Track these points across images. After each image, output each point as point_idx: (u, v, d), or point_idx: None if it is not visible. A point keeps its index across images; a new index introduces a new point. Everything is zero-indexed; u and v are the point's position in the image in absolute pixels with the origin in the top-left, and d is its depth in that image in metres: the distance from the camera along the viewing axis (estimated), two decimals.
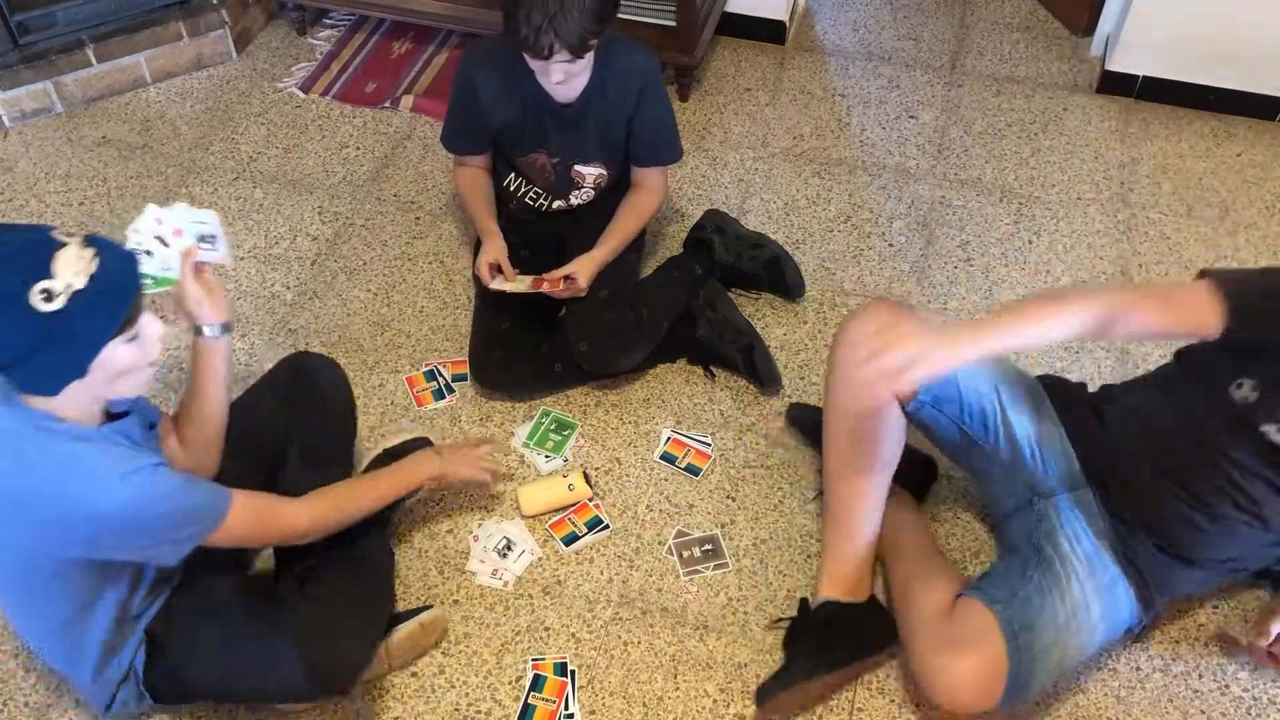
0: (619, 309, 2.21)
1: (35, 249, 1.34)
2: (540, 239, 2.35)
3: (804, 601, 1.90)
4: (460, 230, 2.64)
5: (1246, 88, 2.88)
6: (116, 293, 1.39)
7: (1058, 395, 1.85)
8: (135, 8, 2.97)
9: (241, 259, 2.58)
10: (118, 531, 1.44)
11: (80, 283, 1.34)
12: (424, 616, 1.87)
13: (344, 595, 1.72)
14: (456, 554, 2.04)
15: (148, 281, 1.65)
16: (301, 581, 1.73)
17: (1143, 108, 2.98)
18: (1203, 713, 1.83)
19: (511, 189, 2.33)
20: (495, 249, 2.22)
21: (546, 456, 2.18)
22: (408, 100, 2.99)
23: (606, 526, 2.08)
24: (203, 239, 1.71)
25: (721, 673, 1.88)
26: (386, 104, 3.00)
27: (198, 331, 1.70)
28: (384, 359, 2.37)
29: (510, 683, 1.87)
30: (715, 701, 1.84)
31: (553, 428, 2.23)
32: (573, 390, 2.30)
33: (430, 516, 2.09)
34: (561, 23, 1.86)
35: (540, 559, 2.03)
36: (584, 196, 2.32)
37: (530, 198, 2.33)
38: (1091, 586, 1.69)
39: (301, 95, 3.03)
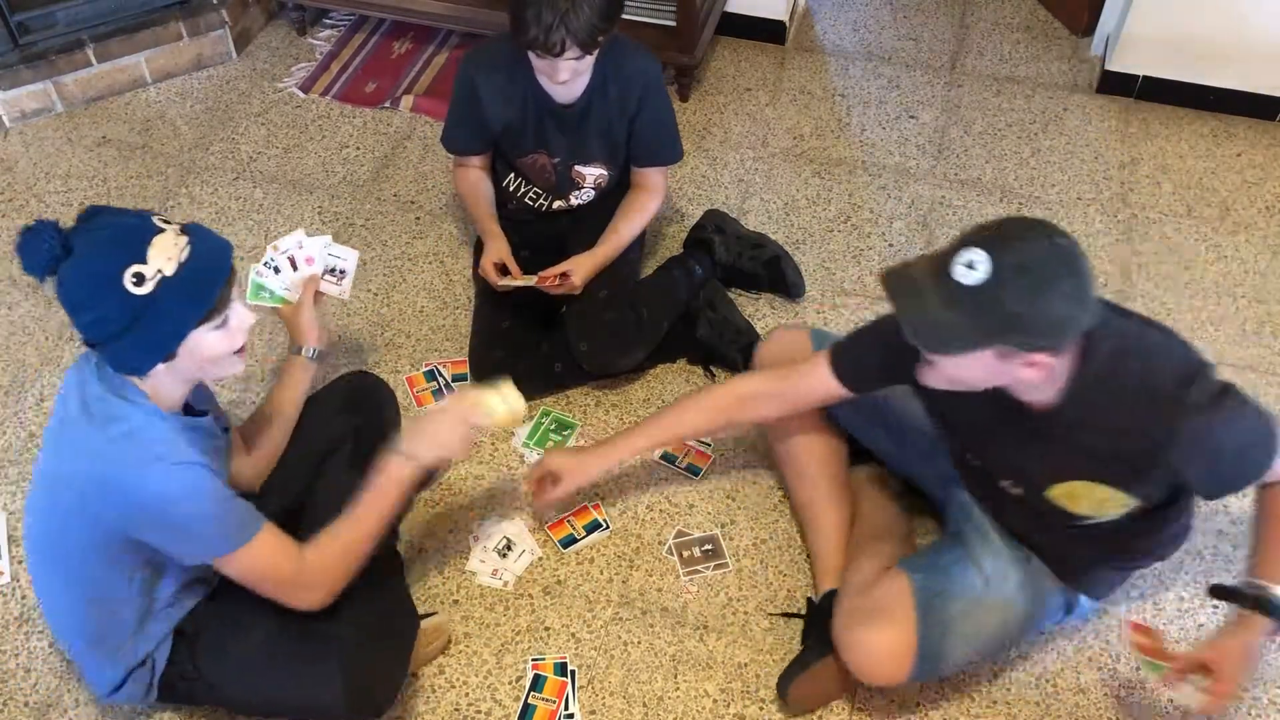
0: (619, 309, 2.22)
1: (133, 233, 1.42)
2: (540, 239, 2.35)
3: (809, 601, 1.93)
4: (460, 230, 2.64)
5: (1246, 88, 2.89)
6: (204, 280, 1.44)
7: None
8: (135, 8, 2.97)
9: (242, 259, 2.57)
10: (148, 514, 1.47)
11: (170, 269, 1.41)
12: (425, 622, 1.85)
13: (380, 615, 1.71)
14: (456, 554, 2.04)
15: (265, 295, 1.87)
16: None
17: (1143, 108, 2.98)
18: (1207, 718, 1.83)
19: (511, 189, 2.33)
20: (499, 249, 2.22)
21: None
22: (408, 100, 2.99)
23: (606, 529, 2.08)
24: (332, 271, 1.89)
25: (721, 673, 1.88)
26: (386, 104, 3.00)
27: (296, 350, 1.88)
28: (384, 359, 2.37)
29: (510, 683, 1.87)
30: (715, 701, 1.85)
31: (553, 428, 2.24)
32: (573, 390, 2.30)
33: (430, 516, 2.09)
34: (573, 19, 1.87)
35: (540, 559, 2.03)
36: (584, 197, 2.32)
37: (530, 198, 2.33)
38: (1005, 560, 1.71)
39: (301, 95, 3.03)
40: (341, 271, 1.91)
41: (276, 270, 1.87)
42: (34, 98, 2.92)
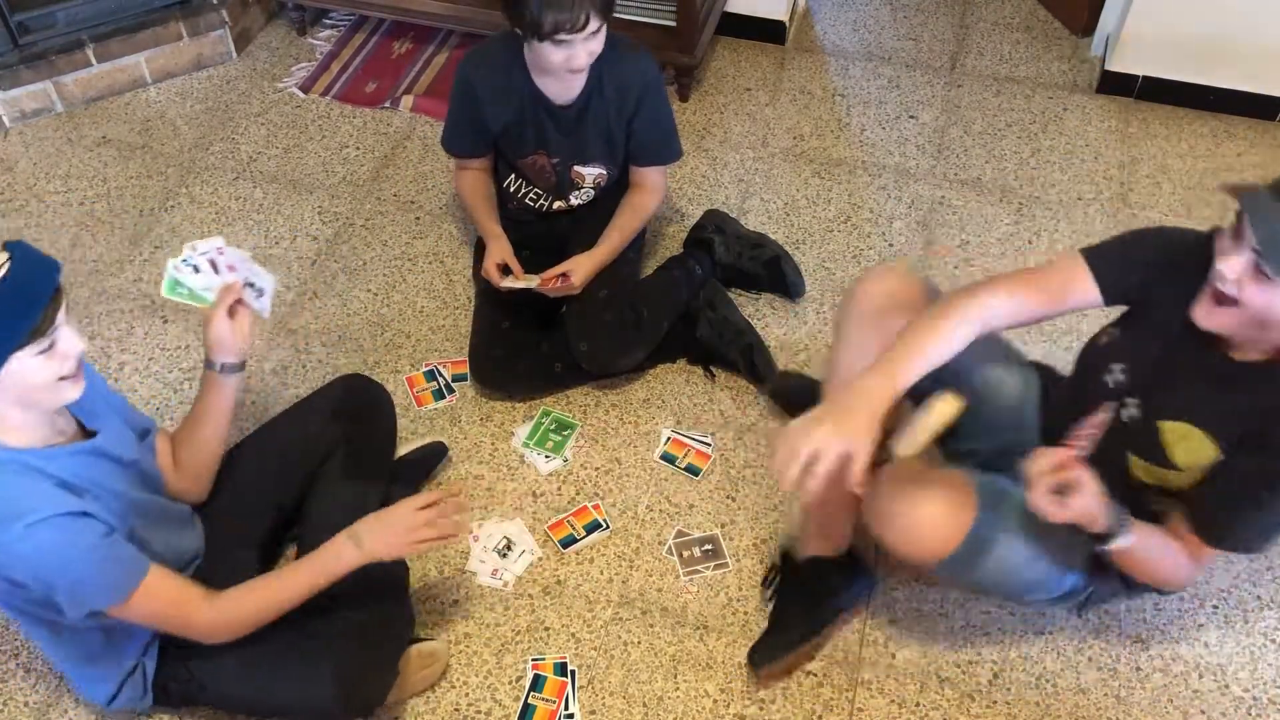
0: (619, 309, 2.21)
1: None
2: (540, 239, 2.34)
3: (786, 556, 1.92)
4: (460, 230, 2.64)
5: (1246, 88, 2.88)
6: (23, 299, 1.34)
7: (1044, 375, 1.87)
8: (135, 8, 2.97)
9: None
10: (26, 571, 1.42)
11: None
12: (421, 646, 1.83)
13: (375, 616, 1.71)
14: (456, 554, 2.04)
15: (183, 292, 1.70)
16: (330, 599, 1.69)
17: (1143, 108, 2.98)
18: (1203, 713, 1.83)
19: (511, 190, 2.33)
20: (501, 249, 2.22)
21: (546, 456, 2.18)
22: (408, 100, 2.99)
23: (605, 528, 2.08)
24: (250, 285, 1.75)
25: (721, 673, 1.88)
26: (386, 104, 3.00)
27: (208, 364, 1.71)
28: (384, 359, 2.37)
29: (510, 683, 1.87)
30: (715, 701, 1.85)
31: (553, 428, 2.24)
32: (573, 390, 2.30)
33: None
34: None
35: (540, 559, 2.03)
36: (584, 196, 2.32)
37: (530, 198, 2.33)
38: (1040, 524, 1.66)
39: (301, 95, 3.03)
40: (260, 289, 1.78)
41: (196, 269, 1.72)
42: (34, 98, 2.92)
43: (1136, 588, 1.79)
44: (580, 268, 2.19)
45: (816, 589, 1.88)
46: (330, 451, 1.89)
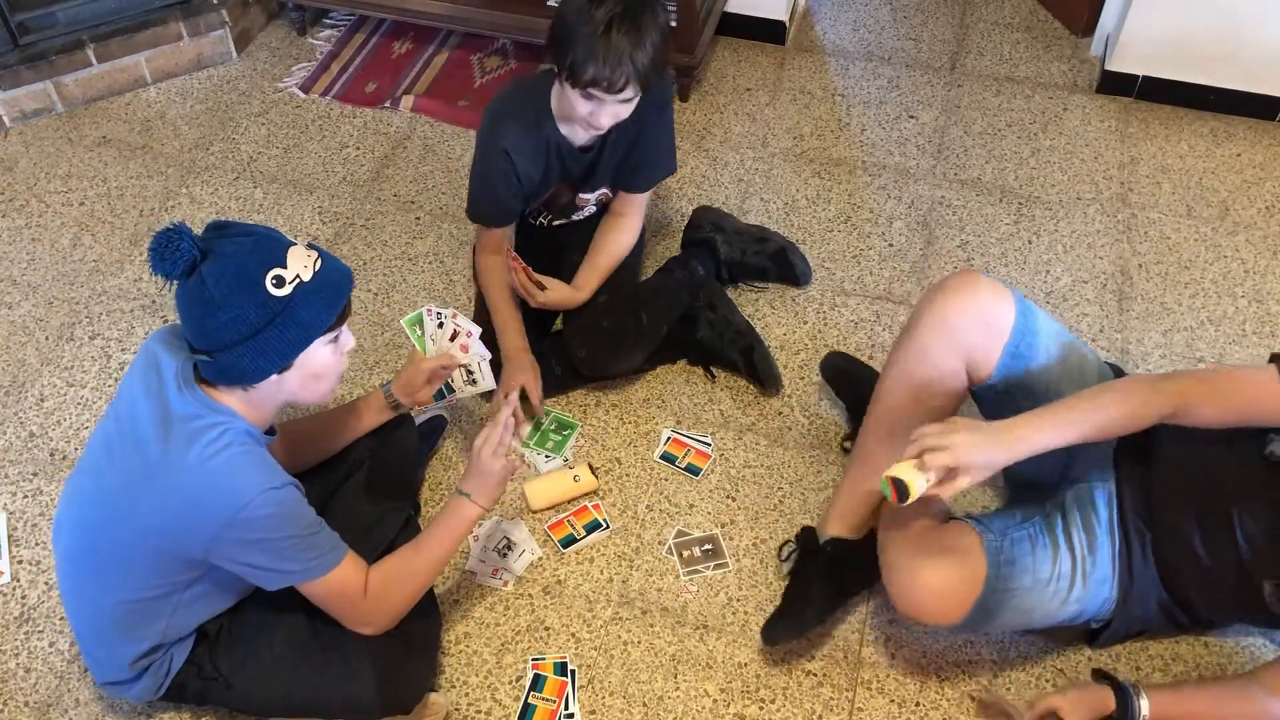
0: (618, 315, 2.21)
1: (272, 241, 1.47)
2: (541, 247, 2.33)
3: (809, 532, 1.92)
4: (460, 230, 2.64)
5: (1246, 88, 2.88)
6: (334, 290, 1.50)
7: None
8: (135, 8, 2.97)
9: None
10: (241, 541, 1.47)
11: (307, 275, 1.47)
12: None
13: (411, 616, 1.71)
14: (457, 554, 2.04)
15: (417, 332, 1.91)
16: None
17: (1143, 108, 2.98)
18: None
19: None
20: (525, 376, 2.11)
21: (546, 456, 2.18)
22: (408, 100, 2.99)
23: (606, 528, 2.08)
24: (470, 374, 1.92)
25: (721, 673, 1.88)
26: (386, 104, 3.00)
27: (386, 388, 1.90)
28: (384, 359, 2.37)
29: (510, 683, 1.87)
30: (715, 701, 1.85)
31: (553, 428, 2.24)
32: (573, 390, 2.30)
33: (431, 516, 2.09)
34: (639, 55, 1.83)
35: (540, 559, 2.03)
36: (587, 212, 2.32)
37: (531, 216, 2.32)
38: (1081, 571, 1.69)
39: (301, 95, 3.03)
40: (474, 380, 1.92)
41: (440, 325, 1.89)
42: (34, 98, 2.93)
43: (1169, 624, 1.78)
44: (554, 293, 2.14)
45: (837, 570, 1.87)
46: (354, 468, 1.90)
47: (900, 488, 1.55)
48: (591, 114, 1.94)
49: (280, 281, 1.44)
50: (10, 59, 2.86)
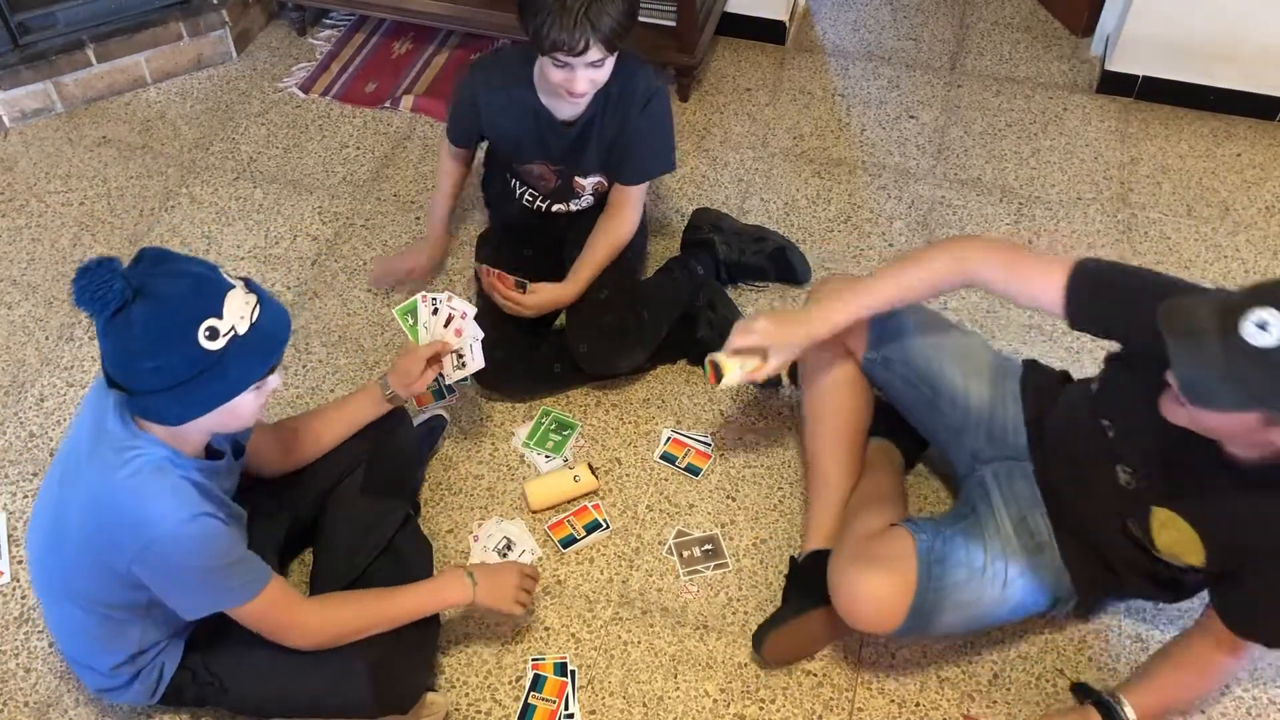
0: (619, 311, 2.21)
1: (209, 285, 1.38)
2: (540, 238, 2.34)
3: (793, 559, 1.96)
4: (460, 230, 2.64)
5: (1246, 88, 2.89)
6: (269, 345, 1.42)
7: (1031, 380, 1.87)
8: (135, 8, 2.97)
9: (241, 259, 2.58)
10: (161, 566, 1.45)
11: (242, 328, 1.39)
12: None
13: None
14: (457, 554, 2.04)
15: (409, 320, 1.91)
16: None
17: (1142, 108, 2.98)
18: (1202, 712, 1.83)
19: (512, 192, 2.33)
20: (431, 253, 2.39)
21: (546, 456, 2.18)
22: (408, 100, 2.99)
23: (605, 528, 2.08)
24: (461, 357, 1.91)
25: (721, 673, 1.88)
26: (386, 104, 3.00)
27: (383, 380, 1.86)
28: (384, 359, 2.37)
29: (510, 683, 1.87)
30: (715, 701, 1.85)
31: (553, 428, 2.24)
32: (573, 390, 2.30)
33: (430, 516, 2.09)
34: (598, 16, 1.84)
35: (540, 559, 2.03)
36: (583, 203, 2.32)
37: (527, 199, 2.33)
38: (1011, 549, 1.71)
39: (301, 95, 3.03)
40: (464, 363, 1.92)
41: (435, 311, 1.89)
42: (34, 98, 2.92)
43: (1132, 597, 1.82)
44: (541, 295, 2.15)
45: (812, 574, 1.87)
46: (349, 469, 1.88)
47: (716, 369, 1.78)
48: (565, 80, 1.96)
49: (214, 334, 1.36)
50: (10, 59, 2.86)
